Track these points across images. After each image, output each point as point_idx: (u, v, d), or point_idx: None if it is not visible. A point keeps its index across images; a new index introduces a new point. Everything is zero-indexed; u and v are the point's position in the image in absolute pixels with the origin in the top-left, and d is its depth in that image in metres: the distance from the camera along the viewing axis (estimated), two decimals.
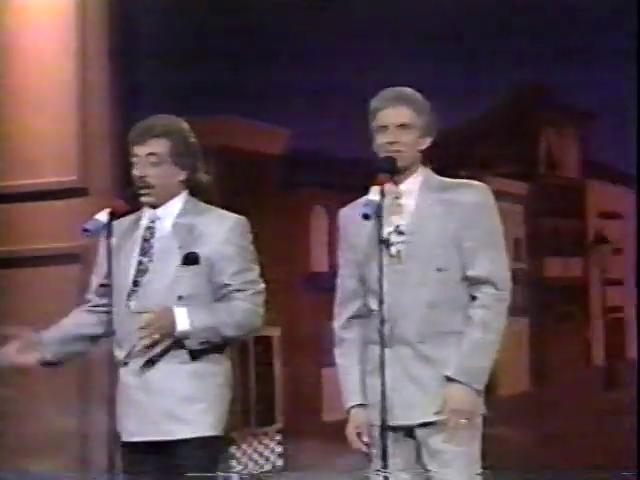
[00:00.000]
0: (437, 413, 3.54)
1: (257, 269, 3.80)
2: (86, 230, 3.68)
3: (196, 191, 3.88)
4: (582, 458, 5.00)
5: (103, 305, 3.78)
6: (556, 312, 5.48)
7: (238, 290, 3.74)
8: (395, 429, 3.54)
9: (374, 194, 3.53)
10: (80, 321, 3.91)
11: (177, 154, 3.78)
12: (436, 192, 3.69)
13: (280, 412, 5.77)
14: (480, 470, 3.60)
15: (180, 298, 3.71)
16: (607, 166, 5.52)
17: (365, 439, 3.66)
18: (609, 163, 5.49)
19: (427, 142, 3.69)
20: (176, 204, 3.83)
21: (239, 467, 5.59)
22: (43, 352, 3.80)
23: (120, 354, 3.74)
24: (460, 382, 3.55)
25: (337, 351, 3.78)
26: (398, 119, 3.64)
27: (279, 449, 5.75)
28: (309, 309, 5.40)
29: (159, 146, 3.77)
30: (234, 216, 3.82)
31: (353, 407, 3.69)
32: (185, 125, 3.83)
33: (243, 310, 3.74)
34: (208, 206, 3.85)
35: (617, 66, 4.95)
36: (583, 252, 5.53)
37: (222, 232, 3.77)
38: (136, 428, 3.73)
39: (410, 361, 3.59)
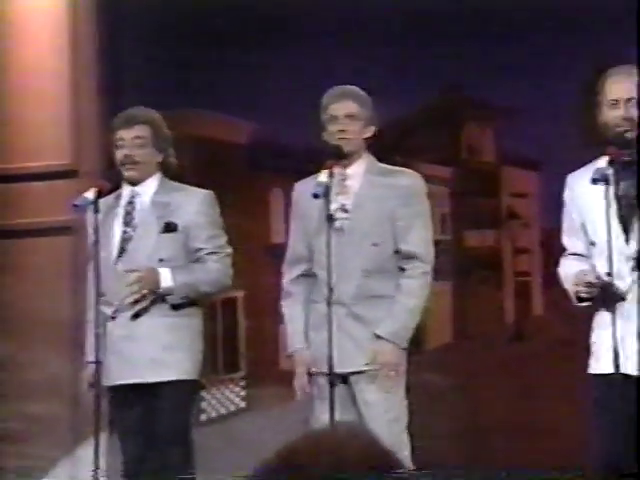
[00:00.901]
0: (368, 364, 3.55)
1: (225, 236, 3.80)
2: (76, 206, 3.69)
3: (168, 172, 3.87)
4: (493, 396, 5.04)
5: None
6: (474, 276, 5.51)
7: (211, 253, 3.74)
8: (334, 376, 3.53)
9: (324, 177, 3.55)
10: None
11: (156, 139, 3.78)
12: (377, 176, 3.70)
13: (243, 361, 5.75)
14: (405, 411, 3.63)
15: (161, 260, 3.70)
16: (517, 153, 5.54)
17: (307, 379, 3.64)
18: (519, 151, 5.51)
19: (371, 131, 3.71)
20: (153, 182, 3.82)
21: (208, 409, 5.56)
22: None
23: (108, 310, 3.72)
24: (389, 341, 3.56)
25: (284, 303, 3.80)
26: (346, 110, 3.66)
27: (242, 393, 5.72)
28: (269, 275, 5.38)
29: (143, 131, 3.77)
30: (203, 191, 3.83)
31: (297, 350, 3.69)
32: (159, 116, 3.83)
33: (217, 270, 3.74)
34: (179, 184, 3.86)
35: (528, 69, 4.97)
36: (497, 226, 5.56)
37: (195, 204, 3.77)
38: (123, 373, 3.70)
39: (345, 319, 3.61)
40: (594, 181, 3.35)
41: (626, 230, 3.36)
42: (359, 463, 1.16)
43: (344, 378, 3.62)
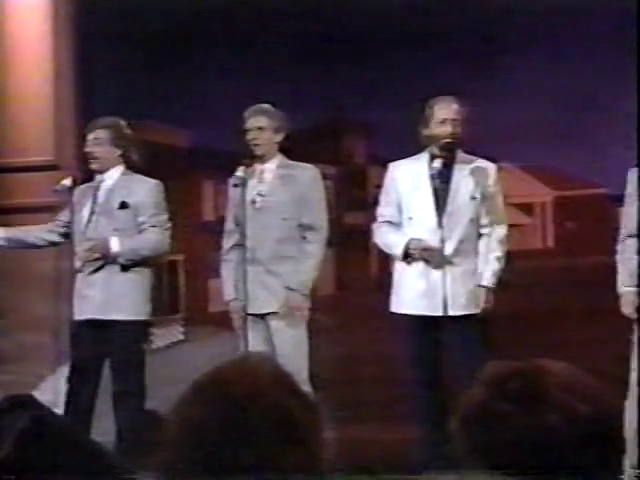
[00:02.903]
0: (281, 308, 3.60)
1: (166, 215, 3.79)
2: (56, 191, 3.73)
3: (129, 165, 3.80)
4: (364, 331, 5.04)
5: (60, 232, 3.75)
6: (350, 245, 5.52)
7: (153, 226, 3.73)
8: (254, 316, 3.58)
9: (240, 172, 3.66)
10: (40, 235, 3.77)
11: (113, 139, 3.72)
12: (285, 170, 3.77)
13: (182, 306, 5.64)
14: (307, 344, 3.65)
15: (116, 229, 3.64)
16: (379, 156, 5.52)
17: (241, 315, 3.60)
18: (380, 155, 5.49)
19: (280, 137, 3.76)
20: (116, 172, 3.83)
21: (156, 340, 5.38)
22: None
23: (78, 264, 3.66)
24: (296, 290, 3.59)
25: (222, 266, 3.79)
26: (256, 124, 3.72)
27: (182, 330, 5.61)
28: (201, 243, 5.25)
29: (102, 133, 3.74)
30: (154, 180, 3.87)
31: (230, 300, 3.70)
32: (122, 122, 3.78)
33: (155, 239, 3.73)
34: (136, 174, 3.84)
35: (387, 92, 4.98)
36: (366, 209, 5.54)
37: (145, 189, 3.76)
38: (87, 312, 3.63)
39: (263, 274, 3.63)
40: (431, 177, 3.49)
41: (439, 212, 3.50)
42: (269, 383, 1.10)
43: (262, 317, 3.60)
